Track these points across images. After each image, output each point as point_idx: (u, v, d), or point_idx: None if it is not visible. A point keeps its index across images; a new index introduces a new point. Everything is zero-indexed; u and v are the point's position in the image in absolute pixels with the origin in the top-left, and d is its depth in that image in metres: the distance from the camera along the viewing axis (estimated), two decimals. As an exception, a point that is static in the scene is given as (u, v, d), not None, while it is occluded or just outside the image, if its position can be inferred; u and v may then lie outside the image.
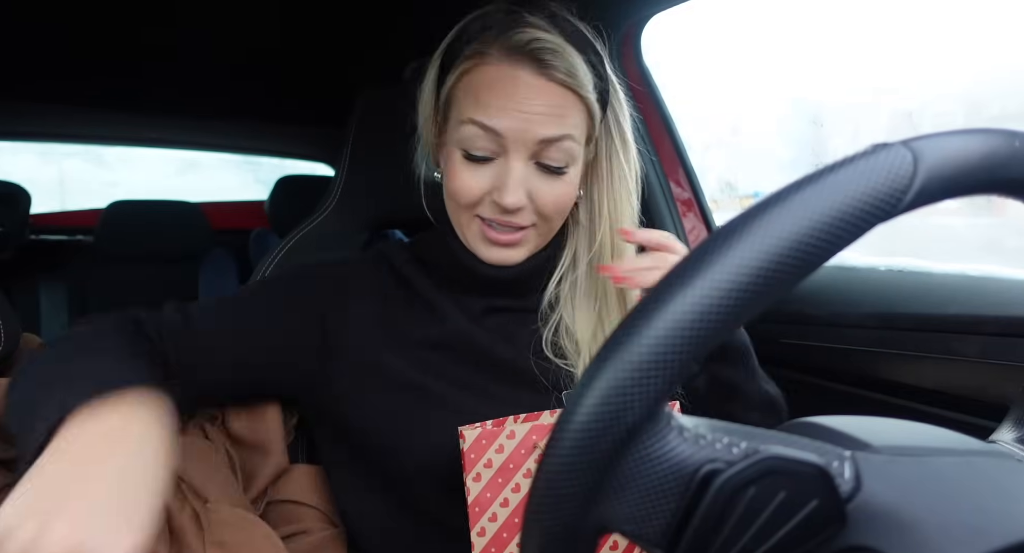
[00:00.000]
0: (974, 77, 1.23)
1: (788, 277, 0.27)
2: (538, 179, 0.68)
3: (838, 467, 0.29)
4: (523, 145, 0.65)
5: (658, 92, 1.22)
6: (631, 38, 1.17)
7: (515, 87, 0.65)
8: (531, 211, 0.69)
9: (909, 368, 0.87)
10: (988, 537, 0.28)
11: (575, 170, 0.70)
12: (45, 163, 2.62)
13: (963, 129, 0.30)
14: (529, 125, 0.65)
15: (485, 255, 0.71)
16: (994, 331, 0.77)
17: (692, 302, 0.26)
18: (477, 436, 0.62)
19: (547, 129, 0.65)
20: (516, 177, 0.66)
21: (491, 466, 0.62)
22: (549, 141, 0.66)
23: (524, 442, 0.63)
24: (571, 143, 0.67)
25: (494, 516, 0.63)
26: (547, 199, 0.68)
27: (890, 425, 0.35)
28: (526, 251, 0.72)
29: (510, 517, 0.63)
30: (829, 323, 0.99)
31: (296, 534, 0.74)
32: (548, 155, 0.67)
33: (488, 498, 0.62)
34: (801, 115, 1.67)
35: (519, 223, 0.69)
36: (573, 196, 0.71)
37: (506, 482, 0.63)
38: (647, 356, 0.26)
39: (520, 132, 0.65)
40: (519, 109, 0.64)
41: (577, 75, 0.65)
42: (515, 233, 0.70)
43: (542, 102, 0.65)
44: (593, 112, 0.69)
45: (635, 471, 0.28)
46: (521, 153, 0.66)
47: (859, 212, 0.27)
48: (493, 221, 0.69)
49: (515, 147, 0.66)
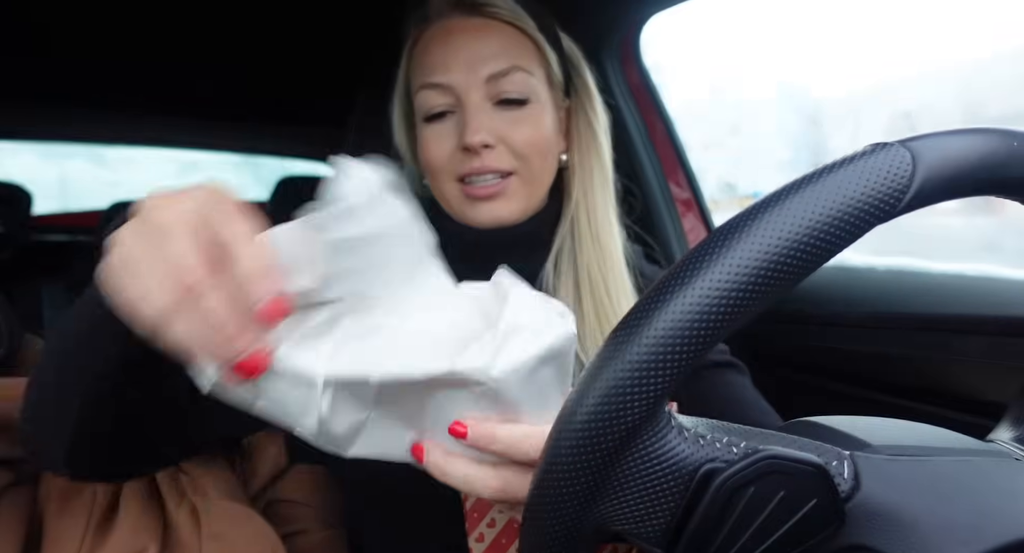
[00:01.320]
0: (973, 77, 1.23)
1: (787, 277, 0.27)
2: (501, 118, 0.66)
3: (837, 466, 0.29)
4: (474, 88, 0.65)
5: (657, 92, 1.22)
6: (630, 38, 1.17)
7: (452, 36, 0.65)
8: (506, 152, 0.66)
9: (908, 368, 0.87)
10: (986, 536, 0.28)
11: (541, 108, 0.68)
12: (46, 164, 2.62)
13: (961, 128, 0.30)
14: (472, 66, 0.64)
15: (473, 217, 0.68)
16: (992, 331, 0.77)
17: (692, 302, 0.26)
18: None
19: (491, 65, 0.65)
20: (474, 115, 0.64)
21: None
22: (497, 76, 0.65)
23: None
24: (523, 75, 0.66)
25: (492, 522, 0.62)
26: (516, 136, 0.66)
27: (889, 425, 0.35)
28: (515, 204, 0.68)
29: (509, 522, 0.62)
30: (828, 323, 0.99)
31: (295, 534, 0.74)
32: (503, 89, 0.65)
33: (486, 503, 0.62)
34: (801, 115, 1.67)
35: (494, 165, 0.65)
36: (546, 134, 0.68)
37: None
38: (647, 356, 0.27)
39: (466, 76, 0.64)
40: (461, 56, 0.64)
41: (515, 10, 0.66)
42: (495, 183, 0.66)
43: (482, 41, 0.65)
44: (543, 48, 0.68)
45: (635, 470, 0.28)
46: (474, 96, 0.65)
47: (858, 213, 0.27)
48: (469, 175, 0.66)
49: (466, 92, 0.65)
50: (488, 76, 0.65)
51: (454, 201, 0.68)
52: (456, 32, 0.66)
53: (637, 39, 1.17)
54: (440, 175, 0.68)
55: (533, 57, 0.68)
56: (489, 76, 0.65)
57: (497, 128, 0.66)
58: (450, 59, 0.65)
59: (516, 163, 0.67)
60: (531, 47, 0.68)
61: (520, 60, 0.66)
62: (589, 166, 0.73)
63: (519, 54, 0.66)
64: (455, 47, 0.65)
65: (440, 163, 0.67)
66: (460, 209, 0.68)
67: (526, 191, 0.69)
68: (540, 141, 0.67)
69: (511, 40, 0.67)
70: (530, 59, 0.67)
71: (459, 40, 0.65)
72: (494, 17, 0.66)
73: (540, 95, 0.68)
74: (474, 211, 0.67)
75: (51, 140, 2.26)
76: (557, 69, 0.70)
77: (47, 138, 2.23)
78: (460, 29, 0.66)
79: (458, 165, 0.66)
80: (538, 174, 0.69)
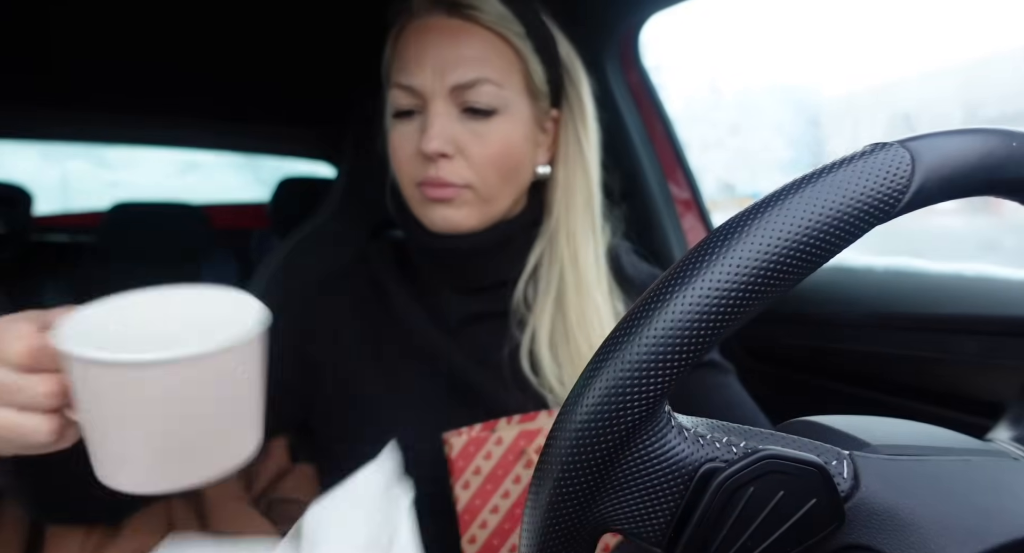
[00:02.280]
0: (973, 77, 1.23)
1: (787, 277, 0.27)
2: (464, 128, 0.64)
3: (836, 466, 0.29)
4: (439, 95, 0.63)
5: (657, 92, 1.22)
6: (629, 39, 1.17)
7: (427, 36, 0.63)
8: (463, 165, 0.64)
9: (907, 367, 0.87)
10: (986, 535, 0.28)
11: (511, 120, 0.65)
12: (47, 164, 2.62)
13: (961, 129, 0.30)
14: (440, 72, 0.62)
15: (428, 219, 0.66)
16: (991, 331, 0.77)
17: (692, 302, 0.26)
18: (465, 443, 0.61)
19: (459, 73, 0.62)
20: (434, 122, 0.63)
21: (480, 473, 0.61)
22: (463, 86, 0.63)
23: (512, 448, 0.61)
24: (491, 87, 0.63)
25: (484, 523, 0.62)
26: (476, 149, 0.64)
27: (888, 424, 0.35)
28: (470, 213, 0.66)
29: (500, 524, 0.62)
30: (827, 323, 0.99)
31: (297, 534, 0.74)
32: (468, 99, 0.63)
33: (478, 505, 0.62)
34: (800, 115, 1.67)
35: (447, 179, 0.64)
36: (509, 149, 0.65)
37: (495, 488, 0.62)
38: (647, 356, 0.27)
39: (432, 81, 0.63)
40: (431, 60, 0.63)
41: (499, 14, 0.64)
42: (447, 188, 0.64)
43: (455, 46, 0.63)
44: (524, 57, 0.66)
45: (635, 470, 0.28)
46: (439, 102, 0.63)
47: (857, 213, 0.27)
48: (426, 180, 0.64)
49: (431, 97, 0.63)
50: (453, 85, 0.63)
51: (413, 203, 0.68)
52: (433, 32, 0.64)
53: (637, 39, 1.17)
54: (402, 176, 0.67)
55: (509, 67, 0.65)
56: (454, 86, 0.63)
57: (458, 137, 0.63)
58: (420, 61, 0.63)
59: (473, 177, 0.65)
60: (510, 56, 0.65)
61: (490, 71, 0.63)
62: (573, 182, 0.71)
63: (492, 64, 0.64)
64: (427, 49, 0.63)
65: (401, 164, 0.66)
66: (419, 211, 0.68)
67: (481, 206, 0.66)
68: (501, 157, 0.65)
69: (486, 48, 0.64)
70: (504, 70, 0.65)
71: (433, 41, 0.63)
72: (475, 21, 0.64)
73: (512, 107, 0.65)
74: (430, 213, 0.66)
75: (51, 140, 2.26)
76: (541, 78, 0.67)
77: (47, 138, 2.23)
78: (437, 29, 0.64)
79: (416, 169, 0.65)
80: (495, 191, 0.66)
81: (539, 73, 0.67)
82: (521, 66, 0.66)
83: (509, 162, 0.66)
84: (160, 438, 0.35)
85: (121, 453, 0.36)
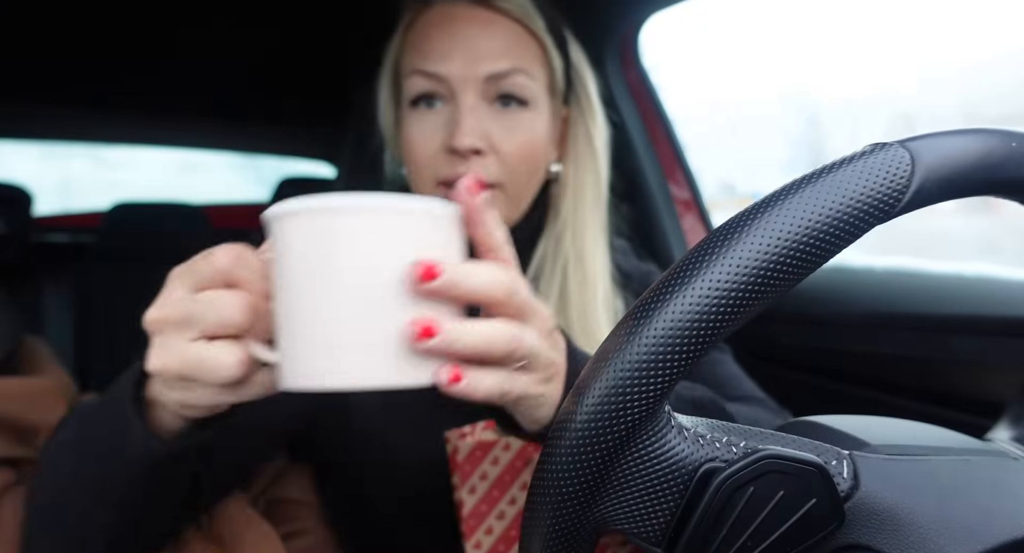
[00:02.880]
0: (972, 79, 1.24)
1: (787, 277, 0.27)
2: (496, 121, 0.61)
3: (836, 466, 0.29)
4: (471, 85, 0.60)
5: (656, 92, 1.22)
6: (629, 39, 1.17)
7: (455, 24, 0.60)
8: (494, 162, 0.61)
9: (907, 368, 0.87)
10: (985, 535, 0.28)
11: (538, 114, 0.63)
12: (47, 164, 2.62)
13: (960, 129, 0.30)
14: (473, 60, 0.59)
15: None
16: (991, 331, 0.77)
17: (692, 302, 0.26)
18: (471, 447, 0.60)
19: (493, 63, 0.60)
20: (468, 114, 0.59)
21: (487, 478, 0.60)
22: (497, 76, 0.60)
23: (520, 454, 0.60)
24: (525, 78, 0.61)
25: (490, 529, 0.61)
26: (509, 144, 0.61)
27: (887, 424, 0.35)
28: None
29: (507, 530, 0.61)
30: (827, 323, 0.99)
31: (295, 533, 0.74)
32: (503, 88, 0.61)
33: (484, 510, 0.61)
34: (800, 115, 1.67)
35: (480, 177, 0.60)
36: (536, 145, 0.63)
37: (502, 495, 0.61)
38: (647, 356, 0.27)
39: (463, 70, 0.60)
40: (461, 48, 0.60)
41: (525, 6, 0.62)
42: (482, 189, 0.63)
43: (486, 36, 0.60)
44: (548, 51, 0.64)
45: (635, 470, 0.28)
46: (469, 93, 0.60)
47: (857, 213, 0.27)
48: (453, 178, 0.59)
49: (462, 87, 0.60)
50: (488, 75, 0.60)
51: None
52: (460, 20, 0.61)
53: (636, 39, 1.17)
54: (421, 174, 0.63)
55: (537, 60, 0.63)
56: (489, 75, 0.60)
57: (490, 132, 0.61)
58: (450, 48, 0.60)
59: (504, 176, 0.62)
60: (536, 49, 0.63)
61: (523, 62, 0.62)
62: (583, 182, 0.69)
63: (523, 55, 0.62)
64: (457, 37, 0.60)
65: (422, 161, 0.62)
66: None
67: (508, 207, 0.64)
68: (532, 152, 0.63)
69: (517, 39, 0.62)
70: (533, 62, 0.63)
71: (462, 30, 0.60)
72: (503, 12, 0.62)
73: (539, 101, 0.63)
74: None
75: (51, 140, 2.27)
76: (560, 75, 0.66)
77: (47, 138, 2.23)
78: (465, 18, 0.61)
79: (441, 168, 0.61)
80: (524, 189, 0.64)
81: (560, 69, 0.66)
82: (545, 60, 0.64)
83: (536, 160, 0.64)
84: (348, 305, 0.33)
85: (311, 334, 0.34)
